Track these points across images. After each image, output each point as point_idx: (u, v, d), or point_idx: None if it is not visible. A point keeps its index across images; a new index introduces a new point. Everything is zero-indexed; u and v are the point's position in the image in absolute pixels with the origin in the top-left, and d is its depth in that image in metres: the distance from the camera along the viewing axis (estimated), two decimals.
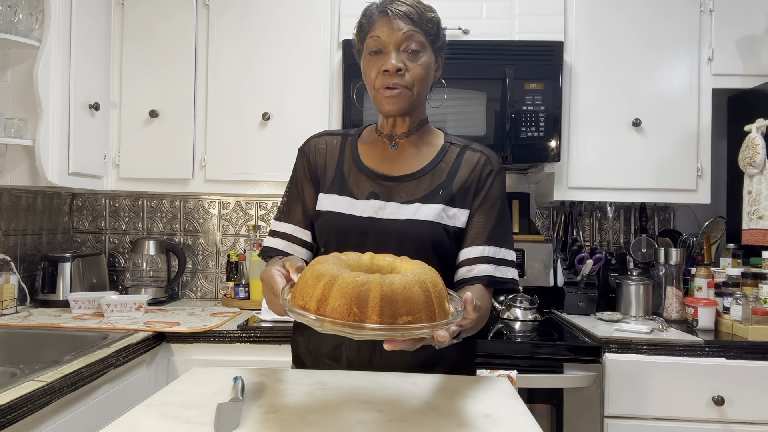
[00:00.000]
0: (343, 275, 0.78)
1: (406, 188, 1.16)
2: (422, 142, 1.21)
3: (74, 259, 2.24)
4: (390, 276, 0.79)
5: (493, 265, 1.13)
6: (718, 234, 2.37)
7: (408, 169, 1.18)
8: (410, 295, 0.77)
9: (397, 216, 1.13)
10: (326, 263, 0.83)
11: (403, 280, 0.78)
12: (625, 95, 2.17)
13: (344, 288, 0.76)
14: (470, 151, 1.20)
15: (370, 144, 1.22)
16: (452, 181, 1.16)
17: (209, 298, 2.59)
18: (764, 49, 2.15)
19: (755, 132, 1.95)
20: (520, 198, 2.51)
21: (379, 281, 0.77)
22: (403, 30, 1.10)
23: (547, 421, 1.81)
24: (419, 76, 1.12)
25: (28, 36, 1.89)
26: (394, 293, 0.76)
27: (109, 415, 1.51)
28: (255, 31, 2.21)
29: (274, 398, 0.99)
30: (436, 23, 1.14)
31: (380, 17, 1.12)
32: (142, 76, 2.23)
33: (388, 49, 1.11)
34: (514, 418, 0.91)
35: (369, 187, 1.16)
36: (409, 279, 0.79)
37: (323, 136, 1.26)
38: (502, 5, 2.17)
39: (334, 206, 1.16)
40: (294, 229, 1.21)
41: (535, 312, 2.18)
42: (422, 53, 1.12)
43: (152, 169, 2.23)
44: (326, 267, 0.81)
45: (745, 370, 1.76)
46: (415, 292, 0.78)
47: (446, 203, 1.14)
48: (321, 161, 1.22)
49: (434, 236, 1.13)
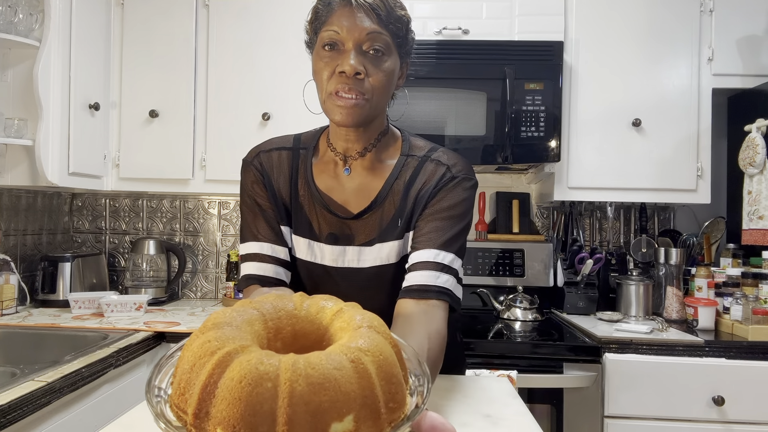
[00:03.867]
0: (241, 357, 0.45)
1: (363, 228, 1.01)
2: (377, 160, 1.03)
3: (74, 259, 2.24)
4: (316, 357, 0.45)
5: (446, 274, 0.94)
6: (718, 234, 2.37)
7: (361, 203, 1.01)
8: (338, 387, 0.44)
9: (359, 263, 1.01)
10: (223, 325, 0.50)
11: (327, 362, 0.45)
12: (625, 95, 2.17)
13: (235, 382, 0.43)
14: (430, 163, 1.01)
15: (323, 164, 1.05)
16: (406, 202, 1.00)
17: (209, 298, 2.59)
18: (764, 49, 2.15)
19: (755, 132, 1.95)
20: (520, 198, 2.51)
21: (292, 367, 0.44)
22: (367, 27, 0.91)
23: (547, 421, 1.81)
24: (380, 83, 0.94)
25: (28, 36, 1.89)
26: (312, 388, 0.43)
27: (109, 415, 1.51)
28: (255, 30, 2.21)
29: None
30: (405, 23, 0.96)
31: (341, 6, 0.92)
32: (142, 76, 2.23)
33: (347, 46, 0.92)
34: (514, 418, 0.91)
35: (326, 226, 1.01)
36: (335, 360, 0.46)
37: (270, 150, 1.09)
38: (502, 5, 2.17)
39: (306, 254, 1.03)
40: (256, 245, 1.02)
41: (535, 312, 2.18)
42: (386, 57, 0.94)
43: (152, 169, 2.23)
44: (219, 333, 0.49)
45: (745, 370, 1.75)
46: (345, 382, 0.45)
47: (406, 230, 1.00)
48: (274, 181, 1.05)
49: (400, 273, 0.99)
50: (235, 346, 0.47)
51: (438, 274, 0.93)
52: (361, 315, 0.55)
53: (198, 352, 0.47)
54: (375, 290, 0.99)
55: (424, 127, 2.03)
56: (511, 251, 2.31)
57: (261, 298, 0.58)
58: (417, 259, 0.95)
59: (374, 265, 1.00)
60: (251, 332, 0.52)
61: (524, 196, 2.53)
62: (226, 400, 0.43)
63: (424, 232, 0.97)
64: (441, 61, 2.06)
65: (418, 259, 0.95)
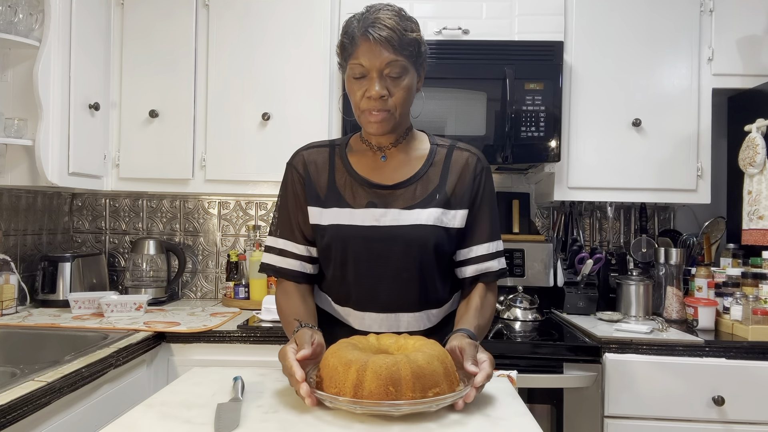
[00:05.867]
0: (373, 359, 0.88)
1: (403, 195, 1.19)
2: (410, 148, 1.24)
3: (74, 259, 2.24)
4: (414, 354, 0.91)
5: (496, 260, 1.23)
6: (718, 234, 2.37)
7: (401, 177, 1.21)
8: (434, 369, 0.90)
9: (399, 222, 1.17)
10: (346, 350, 0.93)
11: (425, 357, 0.90)
12: (625, 95, 2.17)
13: (378, 371, 0.86)
14: (457, 151, 1.24)
15: (360, 154, 1.24)
16: (445, 183, 1.20)
17: (209, 298, 2.59)
18: (764, 49, 2.15)
19: (755, 132, 1.95)
20: (520, 198, 2.51)
21: (407, 361, 0.88)
22: (385, 58, 1.11)
23: (547, 421, 1.81)
24: (401, 99, 1.15)
25: (28, 36, 1.89)
26: (422, 369, 0.88)
27: (109, 415, 1.51)
28: (255, 31, 2.21)
29: (274, 398, 0.99)
30: (417, 43, 1.15)
31: (362, 41, 1.12)
32: (142, 76, 2.23)
33: (372, 75, 1.12)
34: (514, 418, 0.91)
35: (366, 196, 1.19)
36: (428, 355, 0.91)
37: (311, 148, 1.28)
38: (502, 5, 2.17)
39: (335, 219, 1.19)
40: (286, 243, 1.24)
41: (535, 312, 2.18)
42: (404, 76, 1.14)
43: (152, 169, 2.23)
44: (351, 353, 0.91)
45: (745, 370, 1.75)
46: (437, 366, 0.90)
47: (443, 206, 1.19)
48: (313, 174, 1.24)
49: (437, 239, 1.17)
50: (363, 355, 0.91)
51: (493, 262, 1.23)
52: (423, 340, 1.00)
53: (339, 366, 0.90)
54: (401, 255, 1.17)
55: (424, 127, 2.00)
56: (511, 251, 2.31)
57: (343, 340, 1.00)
58: (476, 253, 1.22)
59: (413, 223, 1.17)
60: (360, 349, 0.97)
61: (524, 196, 2.53)
62: (373, 380, 0.86)
63: (477, 227, 1.22)
64: (441, 61, 2.06)
65: (477, 252, 1.22)
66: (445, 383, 0.90)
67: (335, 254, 1.20)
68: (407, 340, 1.01)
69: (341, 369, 0.89)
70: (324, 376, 0.92)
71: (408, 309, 1.20)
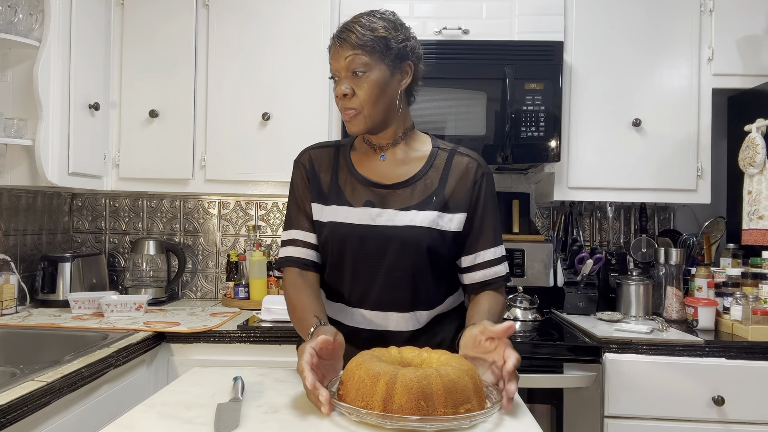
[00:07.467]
0: (402, 372, 0.86)
1: (400, 196, 1.20)
2: (410, 149, 1.26)
3: (74, 259, 2.24)
4: (444, 368, 0.89)
5: (502, 264, 1.25)
6: (718, 234, 2.37)
7: (399, 177, 1.22)
8: (465, 384, 0.87)
9: (395, 222, 1.18)
10: (372, 362, 0.90)
11: (455, 372, 0.88)
12: (625, 95, 2.17)
13: (408, 384, 0.84)
14: (458, 156, 1.25)
15: (362, 154, 1.27)
16: (444, 187, 1.21)
17: (209, 298, 2.59)
18: (764, 49, 2.15)
19: (755, 132, 1.95)
20: (520, 198, 2.51)
21: (437, 374, 0.86)
22: (345, 56, 1.14)
23: (547, 421, 1.81)
24: (367, 96, 1.15)
25: (28, 36, 1.89)
26: (454, 384, 0.86)
27: (109, 415, 1.51)
28: (255, 31, 2.21)
29: (274, 398, 0.99)
30: (381, 38, 1.15)
31: (332, 45, 1.18)
32: (142, 76, 2.23)
33: (340, 75, 1.17)
34: (514, 418, 0.91)
35: (364, 195, 1.21)
36: (458, 370, 0.89)
37: (317, 148, 1.32)
38: (502, 5, 2.17)
39: (334, 216, 1.22)
40: (298, 233, 1.27)
41: (535, 312, 2.18)
42: (367, 73, 1.15)
43: (152, 169, 2.23)
44: (378, 366, 0.88)
45: (745, 370, 1.75)
46: (467, 381, 0.88)
47: (440, 209, 1.20)
48: (318, 171, 1.27)
49: (431, 241, 1.18)
50: (390, 367, 0.88)
51: (501, 267, 1.24)
52: (447, 354, 0.98)
53: (366, 378, 0.87)
54: (395, 255, 1.18)
55: (424, 127, 1.99)
56: (511, 251, 2.31)
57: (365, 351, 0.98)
58: (483, 258, 1.23)
59: (407, 225, 1.18)
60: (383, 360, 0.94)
61: (524, 196, 2.53)
62: (403, 394, 0.83)
63: (481, 233, 1.22)
64: (441, 61, 2.06)
65: (484, 258, 1.23)
66: (475, 400, 0.87)
67: (332, 251, 1.22)
68: (431, 354, 1.00)
69: (369, 381, 0.86)
70: (350, 389, 0.89)
71: (398, 309, 1.21)
